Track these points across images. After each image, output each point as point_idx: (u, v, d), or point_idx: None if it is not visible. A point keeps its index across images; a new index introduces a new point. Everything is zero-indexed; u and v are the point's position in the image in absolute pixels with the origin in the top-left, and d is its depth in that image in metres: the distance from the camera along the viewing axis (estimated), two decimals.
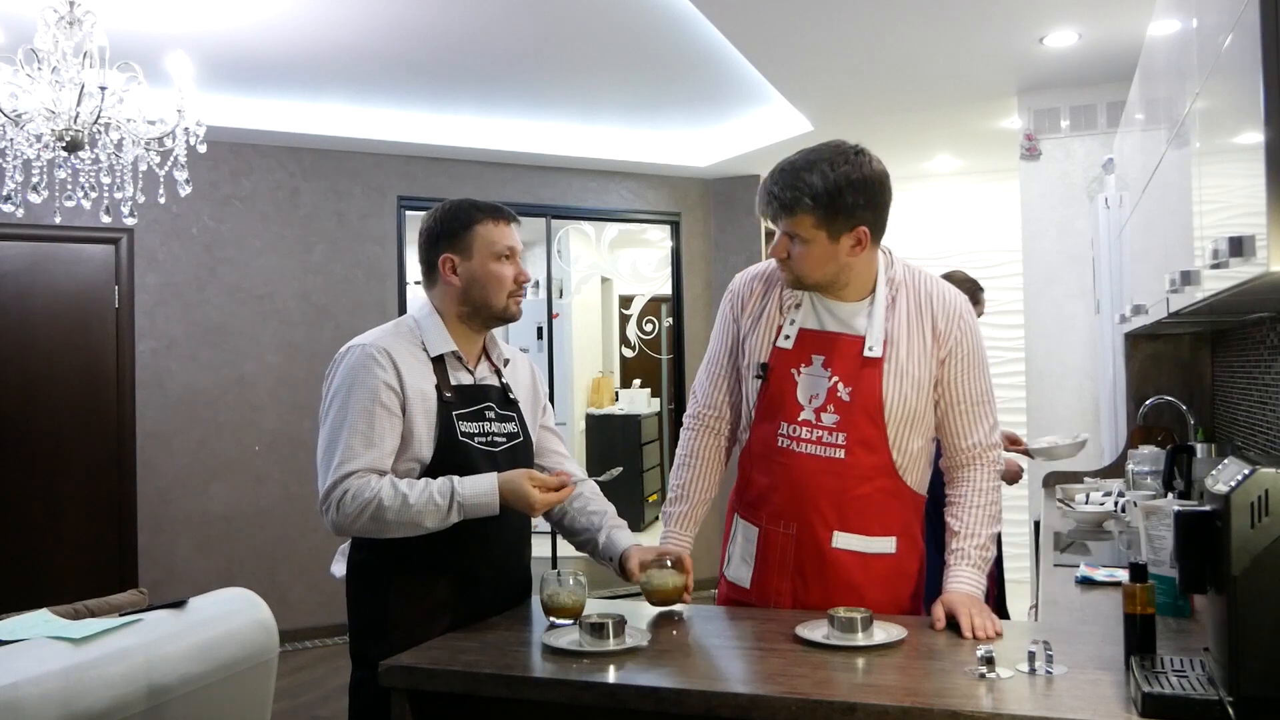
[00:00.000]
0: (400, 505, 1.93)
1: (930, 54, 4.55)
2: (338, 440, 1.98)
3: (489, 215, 2.13)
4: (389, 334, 2.09)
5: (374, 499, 1.93)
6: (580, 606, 1.98)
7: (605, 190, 6.86)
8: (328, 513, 1.96)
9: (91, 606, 2.58)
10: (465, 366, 2.13)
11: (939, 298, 2.10)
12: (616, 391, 9.35)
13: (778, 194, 1.99)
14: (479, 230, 2.10)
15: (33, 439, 5.35)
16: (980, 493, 2.08)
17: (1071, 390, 5.03)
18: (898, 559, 2.09)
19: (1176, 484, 2.65)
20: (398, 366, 2.02)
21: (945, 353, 2.07)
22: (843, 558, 2.05)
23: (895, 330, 2.06)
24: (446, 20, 4.31)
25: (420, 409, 2.02)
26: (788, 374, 2.08)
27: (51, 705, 2.03)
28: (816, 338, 2.09)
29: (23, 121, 3.54)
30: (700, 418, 2.25)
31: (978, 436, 2.09)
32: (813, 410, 2.05)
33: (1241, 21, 1.55)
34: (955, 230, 7.01)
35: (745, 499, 2.17)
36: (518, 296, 2.14)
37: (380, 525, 1.95)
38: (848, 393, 2.04)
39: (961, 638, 1.84)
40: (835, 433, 2.04)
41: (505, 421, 2.14)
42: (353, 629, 2.08)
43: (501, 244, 2.10)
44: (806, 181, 1.96)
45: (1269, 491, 1.35)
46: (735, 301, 2.22)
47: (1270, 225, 1.43)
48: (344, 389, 2.01)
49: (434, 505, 1.94)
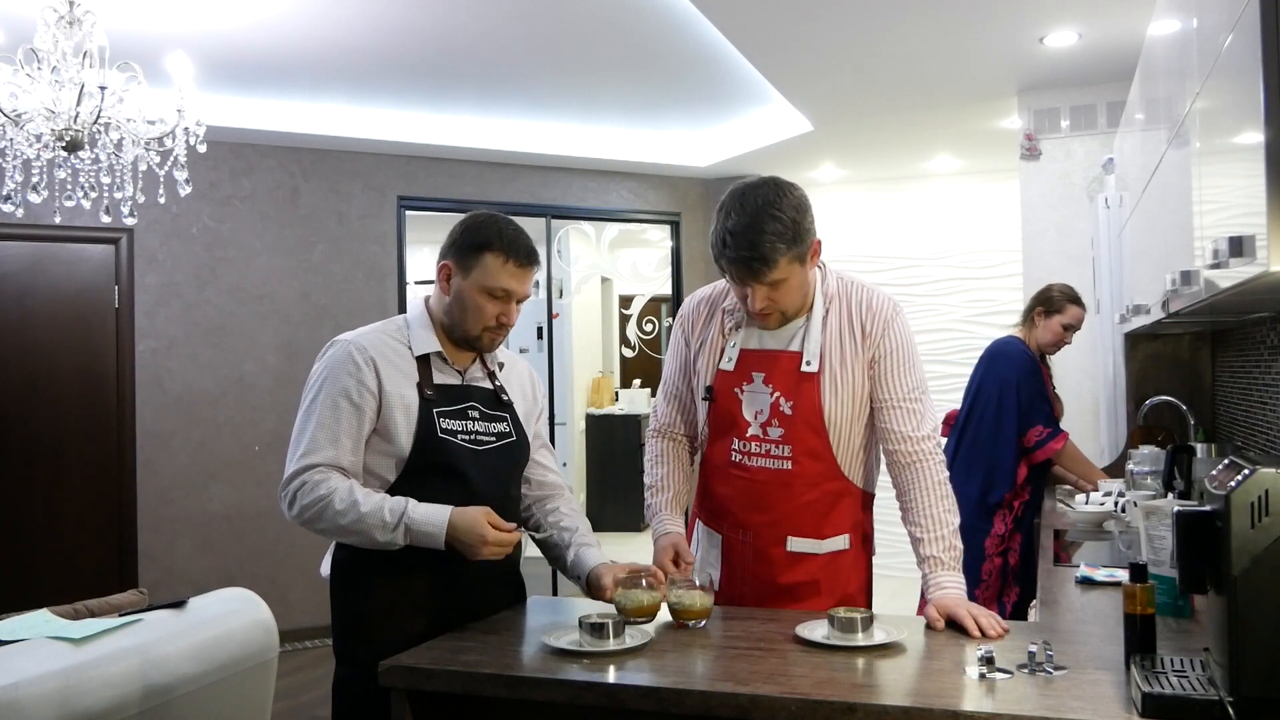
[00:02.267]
0: (350, 508, 1.93)
1: (930, 54, 4.55)
2: (304, 432, 2.00)
3: (504, 252, 2.05)
4: (375, 332, 2.10)
5: (329, 497, 1.94)
6: (656, 607, 1.99)
7: (605, 190, 6.85)
8: (284, 500, 1.98)
9: (91, 606, 2.58)
10: (453, 367, 2.13)
11: (867, 305, 2.17)
12: (616, 391, 9.36)
13: (753, 257, 2.00)
14: (487, 258, 2.05)
15: (33, 439, 5.35)
16: (930, 491, 2.10)
17: (1071, 390, 5.02)
18: (851, 554, 2.20)
19: (1176, 484, 2.65)
20: (376, 366, 2.02)
21: (871, 354, 2.14)
22: (798, 560, 2.15)
23: (829, 343, 2.14)
24: (446, 20, 4.31)
25: (399, 406, 2.01)
26: (731, 393, 2.17)
27: (51, 705, 2.03)
28: (756, 356, 2.17)
29: (23, 121, 3.54)
30: (662, 431, 2.37)
31: (910, 429, 2.13)
32: (759, 425, 2.15)
33: (1241, 21, 1.55)
34: (955, 230, 7.01)
35: (707, 507, 2.28)
36: (494, 334, 2.10)
37: (331, 526, 1.95)
38: (789, 406, 2.12)
39: (971, 637, 1.83)
40: (781, 445, 2.13)
41: (494, 421, 2.13)
42: (335, 627, 2.09)
43: (498, 284, 2.05)
44: (770, 230, 1.99)
45: (1269, 491, 1.35)
46: (685, 325, 2.31)
47: (1270, 225, 1.43)
48: (318, 382, 2.03)
49: (381, 520, 1.92)
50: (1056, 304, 3.94)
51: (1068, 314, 3.93)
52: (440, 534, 1.93)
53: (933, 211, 7.12)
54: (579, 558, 2.16)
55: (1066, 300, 3.94)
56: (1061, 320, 3.93)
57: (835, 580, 2.17)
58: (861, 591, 2.23)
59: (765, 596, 2.16)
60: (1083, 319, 3.99)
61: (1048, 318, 3.94)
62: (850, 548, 2.19)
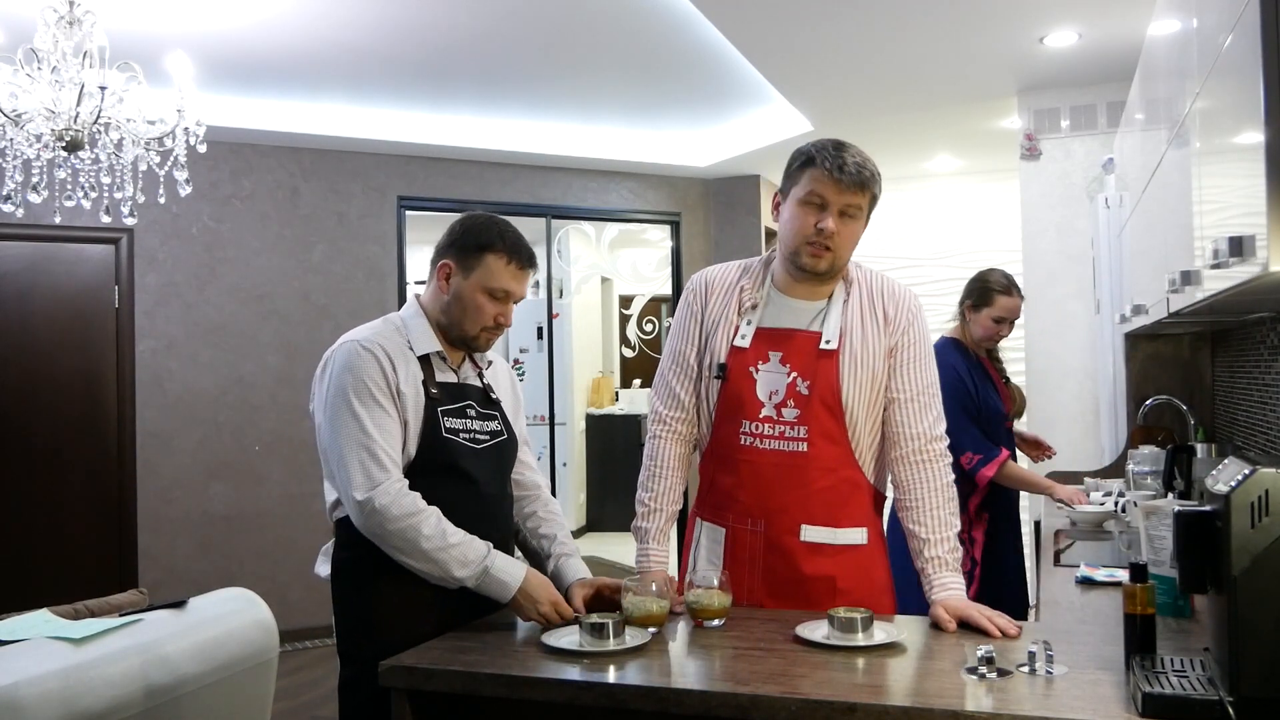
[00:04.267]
0: (437, 535, 1.93)
1: (930, 54, 4.55)
2: (358, 439, 1.96)
3: (506, 253, 2.08)
4: (379, 331, 2.09)
5: (419, 516, 1.93)
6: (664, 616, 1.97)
7: (605, 190, 6.86)
8: (368, 512, 1.93)
9: (91, 606, 2.58)
10: (449, 365, 2.13)
11: (889, 292, 2.17)
12: (616, 391, 9.36)
13: (865, 167, 2.05)
14: (489, 259, 2.07)
15: (33, 439, 5.35)
16: (936, 492, 2.09)
17: (1071, 390, 5.03)
18: (869, 550, 2.13)
19: (1176, 484, 2.65)
20: (394, 362, 2.03)
21: (894, 341, 2.12)
22: (813, 550, 2.09)
23: (849, 322, 2.12)
24: (447, 20, 4.31)
25: (411, 405, 2.02)
26: (746, 372, 2.12)
27: (51, 705, 2.03)
28: (773, 335, 2.13)
29: (23, 121, 3.54)
30: (666, 421, 2.24)
31: (923, 427, 2.11)
32: (773, 406, 2.09)
33: (1241, 21, 1.55)
34: (955, 230, 7.01)
35: (709, 502, 2.20)
36: (491, 334, 2.12)
37: (408, 546, 1.94)
38: (806, 386, 2.08)
39: (989, 636, 1.83)
40: (797, 426, 2.08)
41: (487, 420, 2.15)
42: (339, 628, 2.08)
43: (499, 284, 2.07)
44: (872, 164, 2.07)
45: (1269, 491, 1.35)
46: (697, 297, 2.24)
47: (1270, 225, 1.43)
48: (345, 387, 1.99)
49: (464, 558, 1.94)
50: (983, 296, 3.52)
51: (996, 306, 3.50)
52: (514, 585, 1.96)
53: (933, 211, 7.12)
54: (559, 569, 2.18)
55: (994, 291, 3.51)
56: (990, 314, 3.51)
57: (852, 579, 2.10)
58: (885, 591, 2.17)
59: (778, 590, 2.10)
60: (1017, 309, 3.56)
61: (976, 311, 3.54)
62: (867, 543, 2.12)
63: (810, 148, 2.08)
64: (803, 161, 2.08)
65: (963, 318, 3.60)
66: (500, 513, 2.16)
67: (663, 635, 1.93)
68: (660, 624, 1.96)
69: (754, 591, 2.12)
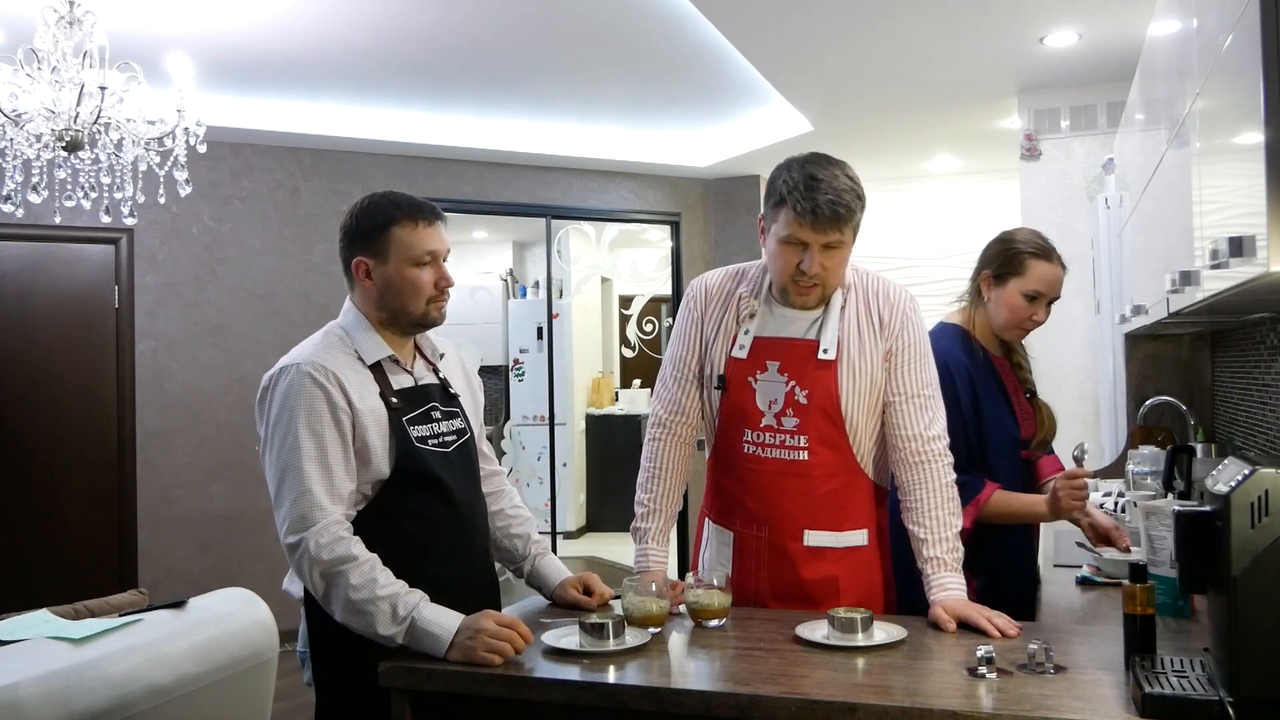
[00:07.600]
0: (366, 585, 1.77)
1: (930, 54, 4.55)
2: (291, 473, 1.83)
3: (408, 215, 1.96)
4: (321, 348, 1.95)
5: (349, 561, 1.79)
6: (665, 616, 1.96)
7: (605, 190, 6.85)
8: (298, 554, 1.80)
9: (91, 606, 2.58)
10: (403, 368, 2.03)
11: (884, 295, 2.16)
12: (616, 392, 9.35)
13: (840, 201, 1.98)
14: (396, 232, 1.95)
15: (33, 439, 5.34)
16: (937, 493, 2.09)
17: (1071, 390, 5.02)
18: (869, 550, 2.15)
19: (1176, 484, 2.64)
20: (341, 382, 1.89)
21: (889, 345, 2.12)
22: (815, 554, 2.10)
23: (846, 332, 2.12)
24: (447, 20, 4.31)
25: (372, 423, 1.90)
26: (745, 382, 2.13)
27: (51, 705, 2.03)
28: (771, 344, 2.13)
29: (23, 121, 3.54)
30: (667, 425, 2.25)
31: (920, 427, 2.11)
32: (773, 415, 2.10)
33: (1242, 21, 1.55)
34: (955, 230, 7.00)
35: (717, 505, 2.22)
36: (439, 302, 2.00)
37: (337, 595, 1.79)
38: (805, 395, 2.09)
39: (990, 638, 1.83)
40: (797, 435, 2.09)
41: (451, 418, 2.06)
42: (315, 652, 1.97)
43: (420, 248, 1.96)
44: (849, 190, 2.01)
45: (1269, 491, 1.35)
46: (697, 303, 2.24)
47: (1270, 225, 1.43)
48: (285, 417, 1.86)
49: (392, 610, 1.77)
50: (1011, 262, 2.48)
51: (1030, 276, 2.46)
52: (446, 636, 1.75)
53: (933, 211, 7.12)
54: (539, 570, 2.18)
55: (1027, 255, 2.47)
56: (1022, 286, 2.46)
57: (854, 579, 2.12)
58: (884, 590, 2.18)
59: (783, 593, 2.11)
60: (1059, 282, 2.51)
61: (1000, 284, 2.49)
62: (868, 544, 2.14)
63: (783, 186, 2.01)
64: (777, 200, 2.04)
65: (976, 295, 2.56)
66: (476, 524, 2.09)
67: (663, 635, 1.92)
68: (660, 624, 1.95)
69: (760, 595, 2.13)
